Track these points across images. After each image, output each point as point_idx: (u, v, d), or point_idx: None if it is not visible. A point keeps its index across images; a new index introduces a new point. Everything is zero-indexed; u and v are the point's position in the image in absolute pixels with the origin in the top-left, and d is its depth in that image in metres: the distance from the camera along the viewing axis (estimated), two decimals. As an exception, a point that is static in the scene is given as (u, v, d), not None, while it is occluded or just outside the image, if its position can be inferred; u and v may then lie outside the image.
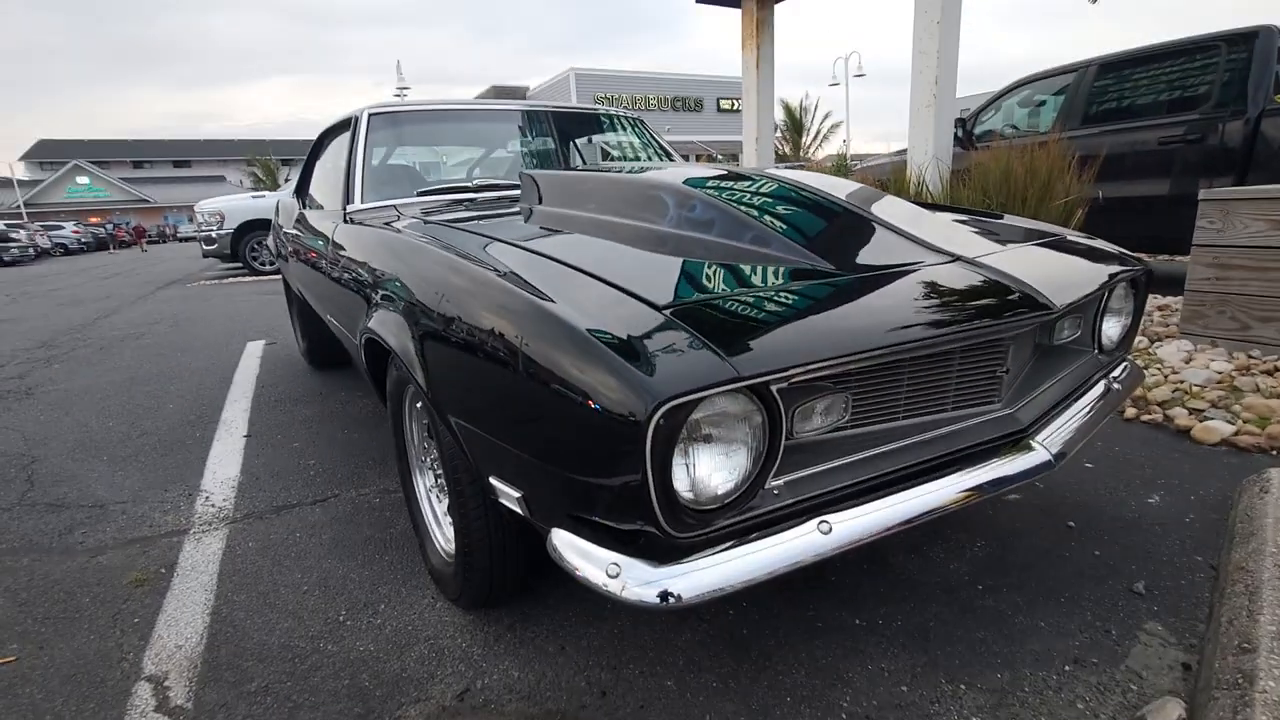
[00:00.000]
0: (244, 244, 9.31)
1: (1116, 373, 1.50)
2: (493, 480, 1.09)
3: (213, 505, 2.05)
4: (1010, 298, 1.11)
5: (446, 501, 1.53)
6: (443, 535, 1.51)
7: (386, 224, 1.81)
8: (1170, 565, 1.49)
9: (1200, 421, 2.20)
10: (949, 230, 1.45)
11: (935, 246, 1.26)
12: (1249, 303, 2.64)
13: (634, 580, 0.84)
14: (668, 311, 0.92)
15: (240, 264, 9.44)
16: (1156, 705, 1.06)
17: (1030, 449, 1.14)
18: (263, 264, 9.34)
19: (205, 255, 9.56)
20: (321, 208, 2.70)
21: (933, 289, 1.10)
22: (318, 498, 2.06)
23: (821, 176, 2.01)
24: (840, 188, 1.57)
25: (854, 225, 1.37)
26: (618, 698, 1.19)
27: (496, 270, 1.14)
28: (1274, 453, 2.00)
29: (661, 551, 0.87)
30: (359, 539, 1.79)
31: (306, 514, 1.96)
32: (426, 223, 1.75)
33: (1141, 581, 1.43)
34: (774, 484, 0.94)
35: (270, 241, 4.23)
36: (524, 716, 1.16)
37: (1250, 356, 2.61)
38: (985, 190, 3.62)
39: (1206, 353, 2.71)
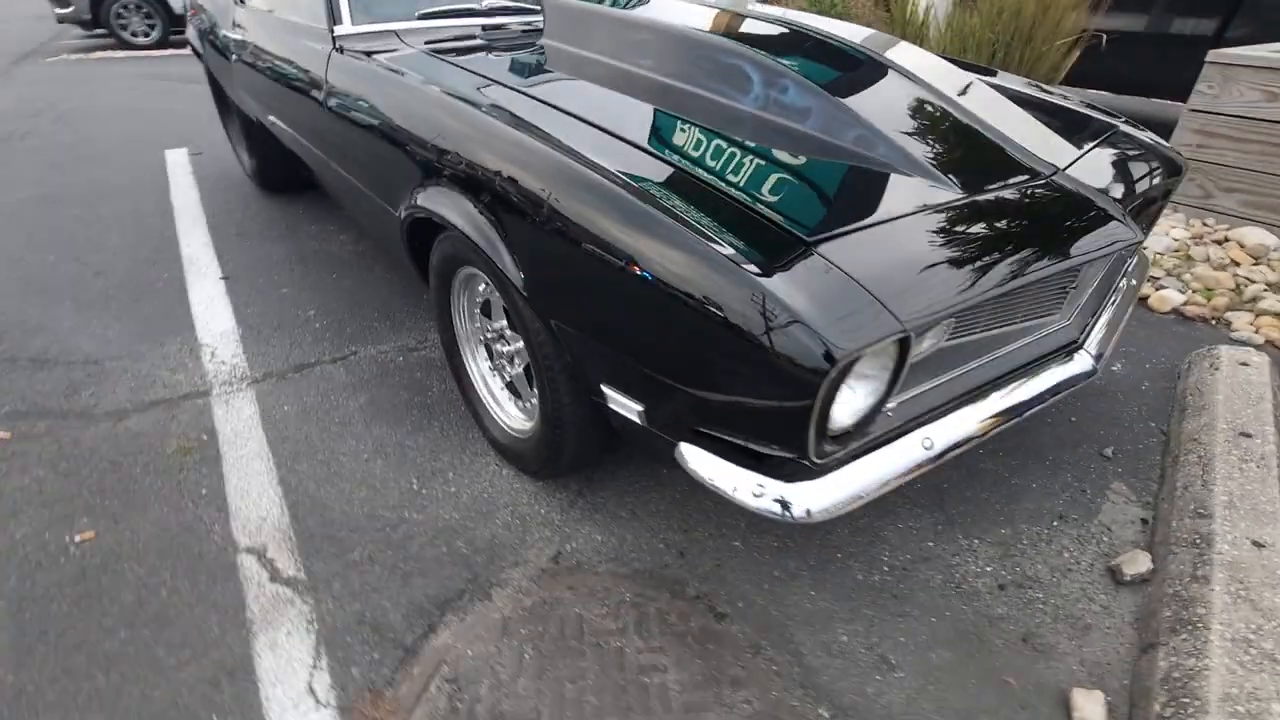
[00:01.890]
0: (108, 7, 7.66)
1: (1132, 266, 1.63)
2: (605, 388, 1.13)
3: (223, 363, 1.98)
4: (1109, 226, 1.16)
5: (505, 379, 1.56)
6: (505, 413, 1.56)
7: (395, 69, 1.56)
8: (1130, 431, 1.76)
9: (1156, 290, 2.44)
10: (1027, 127, 1.43)
11: (1030, 155, 1.26)
12: (1218, 172, 2.79)
13: (774, 497, 0.95)
14: (821, 249, 0.92)
15: (106, 31, 7.85)
16: (1128, 557, 1.35)
17: (1077, 356, 1.28)
18: (134, 35, 7.81)
19: (60, 21, 7.84)
20: (264, 8, 2.26)
21: (1045, 214, 1.13)
22: (335, 355, 2.02)
23: (854, 28, 1.87)
24: (908, 55, 1.48)
25: (950, 126, 1.33)
26: (694, 557, 1.38)
27: (614, 179, 1.05)
28: (1215, 323, 2.28)
29: (794, 470, 0.97)
30: (398, 403, 1.81)
31: (331, 374, 1.94)
32: (456, 65, 1.53)
33: (1110, 447, 1.70)
34: (888, 406, 1.03)
35: (190, 30, 3.53)
36: (615, 576, 1.33)
37: (1204, 224, 2.83)
38: (994, 23, 3.43)
39: (1169, 218, 2.91)
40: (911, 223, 1.02)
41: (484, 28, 1.84)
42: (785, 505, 0.95)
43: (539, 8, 1.86)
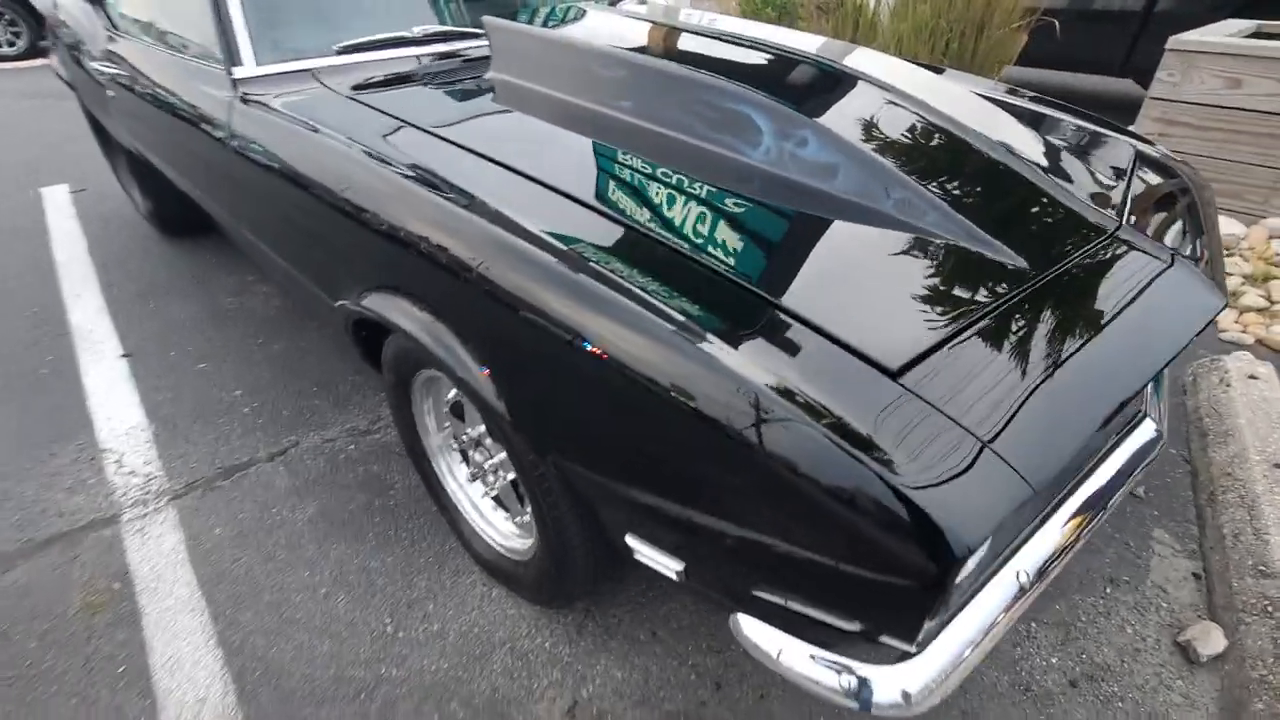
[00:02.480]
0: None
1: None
2: (633, 541, 0.92)
3: (133, 474, 1.65)
4: (1200, 293, 1.01)
5: (489, 490, 1.32)
6: (492, 528, 1.32)
7: (311, 124, 1.27)
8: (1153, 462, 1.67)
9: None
10: (1065, 163, 1.28)
11: (1083, 203, 1.10)
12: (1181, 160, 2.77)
13: (878, 689, 0.76)
14: (909, 382, 0.72)
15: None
16: (1198, 631, 1.24)
17: (1142, 423, 1.14)
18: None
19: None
20: (145, 37, 1.89)
21: (1131, 285, 0.96)
22: (272, 450, 1.73)
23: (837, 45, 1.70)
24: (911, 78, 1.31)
25: (985, 170, 1.15)
26: (732, 687, 1.19)
27: (613, 278, 0.83)
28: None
29: (885, 651, 0.79)
30: (356, 510, 1.54)
31: (269, 477, 1.64)
32: (387, 115, 1.25)
33: (1140, 485, 1.60)
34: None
35: (53, 58, 3.04)
36: (645, 724, 1.13)
37: (1169, 212, 2.81)
38: (946, 13, 3.31)
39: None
40: (995, 325, 0.84)
41: (419, 59, 1.55)
42: (873, 690, 0.76)
43: (481, 31, 1.58)
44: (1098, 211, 1.10)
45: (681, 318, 0.77)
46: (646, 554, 0.91)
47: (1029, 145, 1.32)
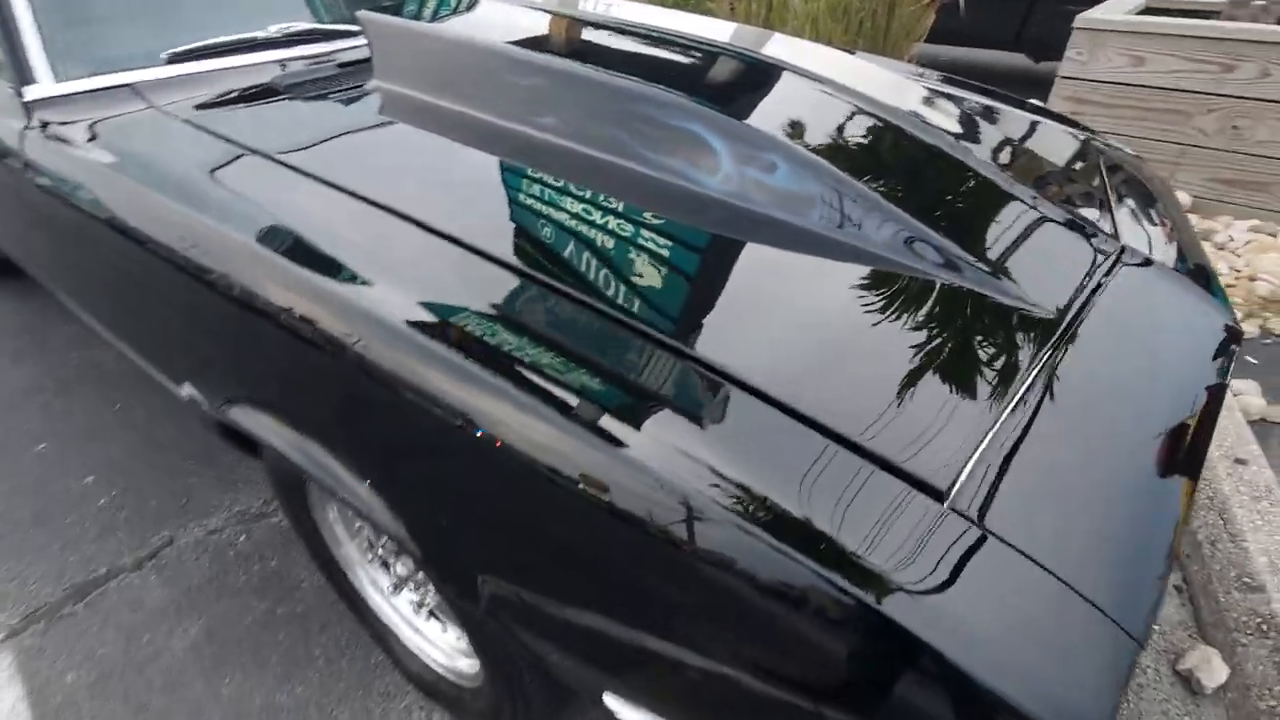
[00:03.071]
0: None
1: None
2: (611, 701, 0.72)
3: (-51, 609, 1.29)
4: (1214, 315, 0.91)
5: (421, 602, 1.09)
6: (430, 644, 1.09)
7: (137, 163, 0.98)
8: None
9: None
10: (1048, 170, 1.17)
11: (1084, 218, 0.99)
12: (1089, 136, 2.81)
13: None
14: (960, 503, 0.56)
15: None
16: (1197, 658, 1.18)
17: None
18: None
19: None
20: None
21: (1156, 320, 0.86)
22: (140, 552, 1.40)
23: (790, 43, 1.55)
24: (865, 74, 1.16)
25: (976, 190, 1.02)
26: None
27: (560, 363, 0.63)
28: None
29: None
30: (252, 623, 1.26)
31: (136, 590, 1.33)
32: (237, 146, 0.97)
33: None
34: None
35: None
36: None
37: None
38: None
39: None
40: (1033, 404, 0.68)
41: (282, 65, 1.26)
42: None
43: (357, 29, 1.30)
44: (1094, 227, 0.98)
45: (592, 392, 0.59)
46: (627, 716, 0.72)
47: (995, 147, 1.21)
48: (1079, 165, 1.26)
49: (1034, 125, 1.42)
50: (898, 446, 0.60)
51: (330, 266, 0.76)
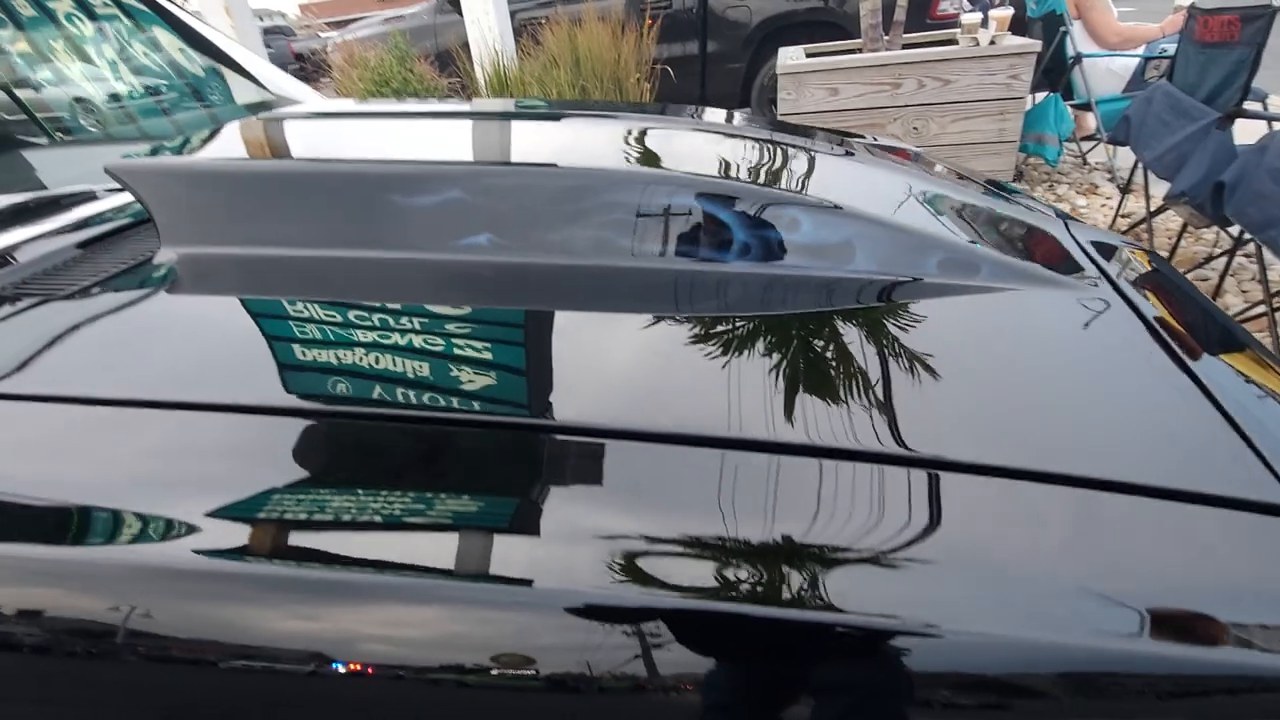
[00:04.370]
0: None
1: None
2: None
3: None
4: None
5: None
6: None
7: None
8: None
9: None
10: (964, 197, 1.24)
11: (1040, 213, 1.04)
12: (815, 157, 3.29)
13: None
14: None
15: None
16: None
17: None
18: None
19: None
20: None
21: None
22: None
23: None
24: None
25: (947, 197, 1.02)
26: None
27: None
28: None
29: None
30: None
31: None
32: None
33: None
34: None
35: None
36: None
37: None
38: (579, 75, 3.39)
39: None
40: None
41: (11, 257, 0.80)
42: None
43: (121, 186, 0.90)
44: (1050, 223, 1.04)
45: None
46: None
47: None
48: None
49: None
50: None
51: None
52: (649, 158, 1.03)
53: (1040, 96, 3.41)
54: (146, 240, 0.88)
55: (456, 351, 0.64)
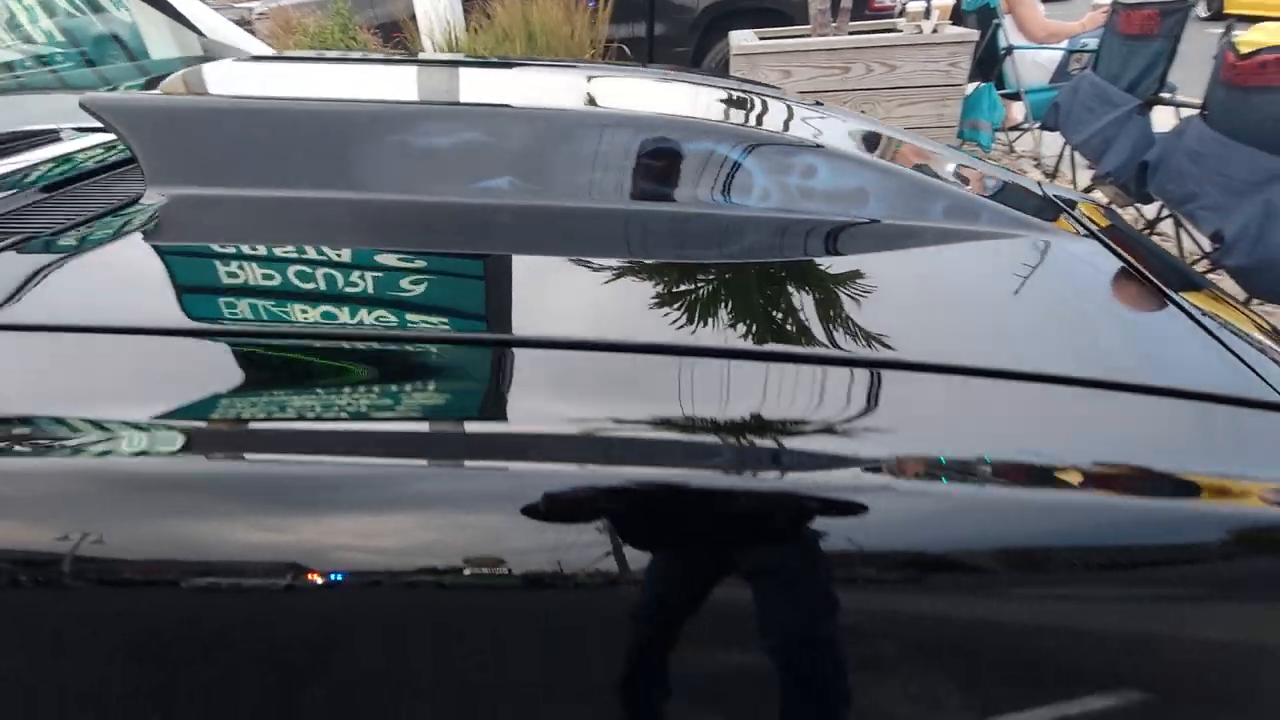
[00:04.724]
0: None
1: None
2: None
3: None
4: None
5: None
6: None
7: None
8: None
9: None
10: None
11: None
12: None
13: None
14: None
15: None
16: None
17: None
18: None
19: None
20: None
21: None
22: None
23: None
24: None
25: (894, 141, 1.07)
26: None
27: None
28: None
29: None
30: None
31: None
32: None
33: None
34: None
35: None
36: None
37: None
38: (515, 38, 3.33)
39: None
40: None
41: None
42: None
43: (100, 126, 0.84)
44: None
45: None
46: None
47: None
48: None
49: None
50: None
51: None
52: (639, 103, 1.04)
53: (972, 87, 3.60)
54: (125, 182, 0.83)
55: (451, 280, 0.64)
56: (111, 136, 0.83)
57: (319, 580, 0.40)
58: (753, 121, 0.99)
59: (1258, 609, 0.45)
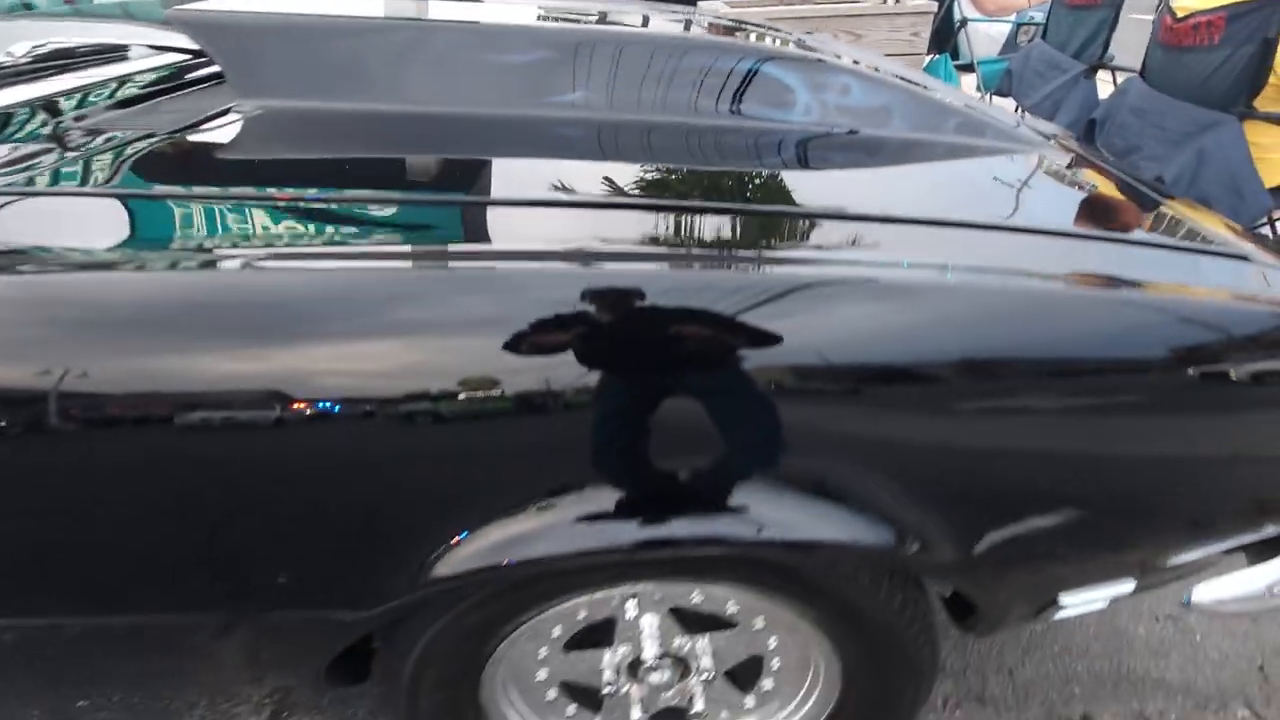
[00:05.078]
0: None
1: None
2: (1066, 598, 0.69)
3: None
4: None
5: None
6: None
7: None
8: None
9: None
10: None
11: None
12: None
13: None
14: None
15: None
16: None
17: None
18: None
19: None
20: None
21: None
22: None
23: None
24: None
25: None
26: None
27: None
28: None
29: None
30: None
31: None
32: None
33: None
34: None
35: None
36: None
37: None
38: None
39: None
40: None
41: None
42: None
43: (182, 47, 0.87)
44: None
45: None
46: (1082, 600, 0.70)
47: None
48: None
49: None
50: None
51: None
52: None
53: (929, 58, 3.79)
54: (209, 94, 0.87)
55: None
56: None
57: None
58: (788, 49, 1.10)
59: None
